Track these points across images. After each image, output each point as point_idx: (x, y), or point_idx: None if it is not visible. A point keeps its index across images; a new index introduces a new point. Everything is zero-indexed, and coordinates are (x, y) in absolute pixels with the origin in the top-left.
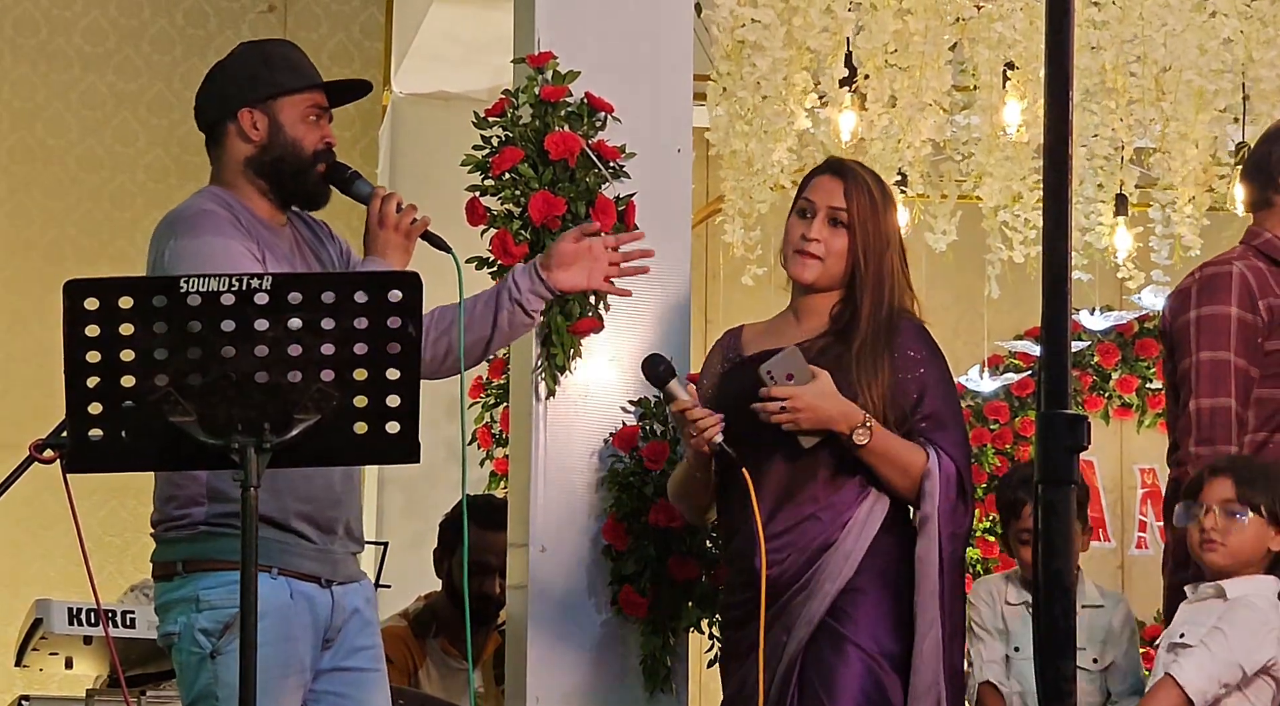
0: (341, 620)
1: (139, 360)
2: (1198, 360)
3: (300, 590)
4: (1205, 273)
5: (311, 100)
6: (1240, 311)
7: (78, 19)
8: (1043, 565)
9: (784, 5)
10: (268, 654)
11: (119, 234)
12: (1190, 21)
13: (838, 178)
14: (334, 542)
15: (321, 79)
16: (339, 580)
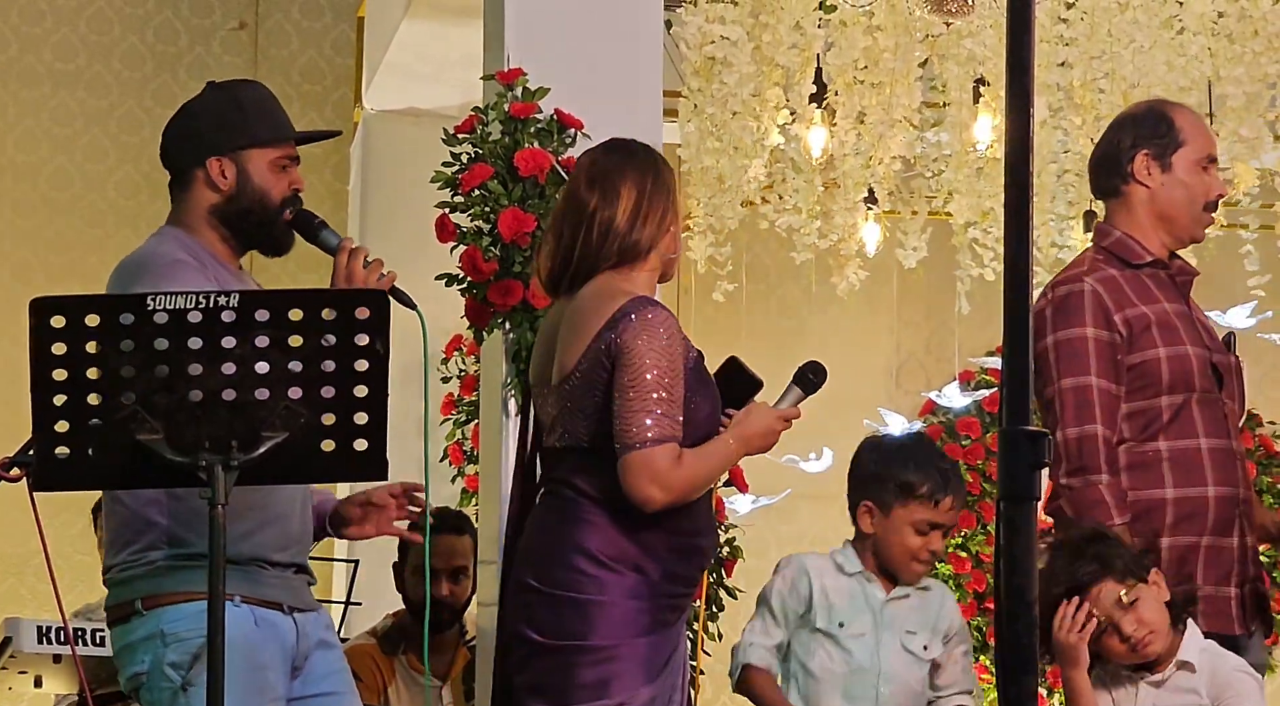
0: (308, 647)
1: (106, 378)
2: (1060, 388)
3: (265, 617)
4: (1058, 293)
5: (283, 151)
6: (1096, 331)
7: (48, 35)
8: (1005, 581)
9: (753, 22)
10: (240, 682)
11: (89, 251)
12: (1158, 38)
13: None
14: (292, 572)
15: (292, 126)
16: (300, 608)
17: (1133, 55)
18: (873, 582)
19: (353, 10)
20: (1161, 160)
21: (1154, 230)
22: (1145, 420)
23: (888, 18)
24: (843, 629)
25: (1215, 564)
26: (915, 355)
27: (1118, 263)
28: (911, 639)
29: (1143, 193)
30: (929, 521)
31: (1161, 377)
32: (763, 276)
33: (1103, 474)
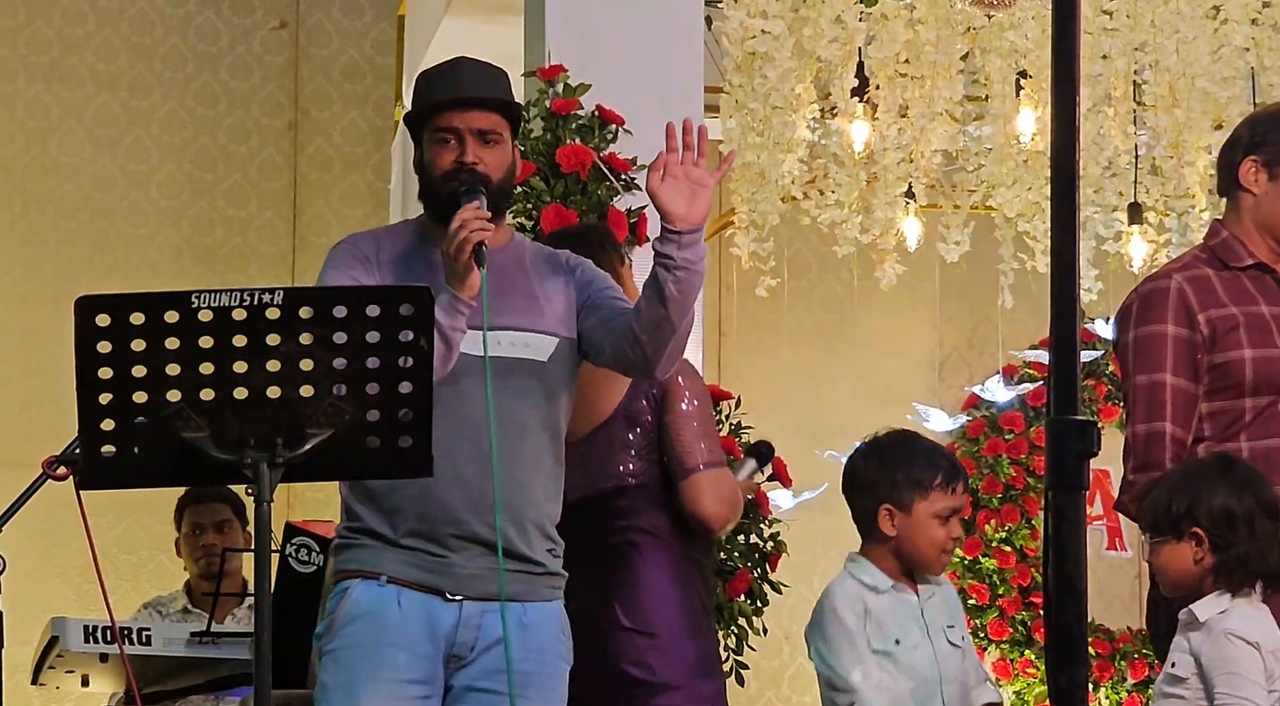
0: (473, 638)
1: (151, 376)
2: (1135, 384)
3: (412, 599)
4: (1144, 288)
5: (441, 121)
6: (1176, 328)
7: (90, 37)
8: (1054, 570)
9: (794, 16)
10: (357, 656)
11: (133, 251)
12: (1201, 29)
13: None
14: (464, 556)
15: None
16: (470, 596)
17: (1176, 46)
18: (905, 591)
19: (393, 9)
20: (1270, 168)
21: (1260, 235)
22: (1228, 419)
23: (929, 11)
24: (899, 646)
25: None
26: (958, 349)
27: (1217, 262)
28: (951, 632)
29: (1249, 200)
30: (950, 508)
31: (1245, 379)
32: (805, 271)
33: (1168, 469)
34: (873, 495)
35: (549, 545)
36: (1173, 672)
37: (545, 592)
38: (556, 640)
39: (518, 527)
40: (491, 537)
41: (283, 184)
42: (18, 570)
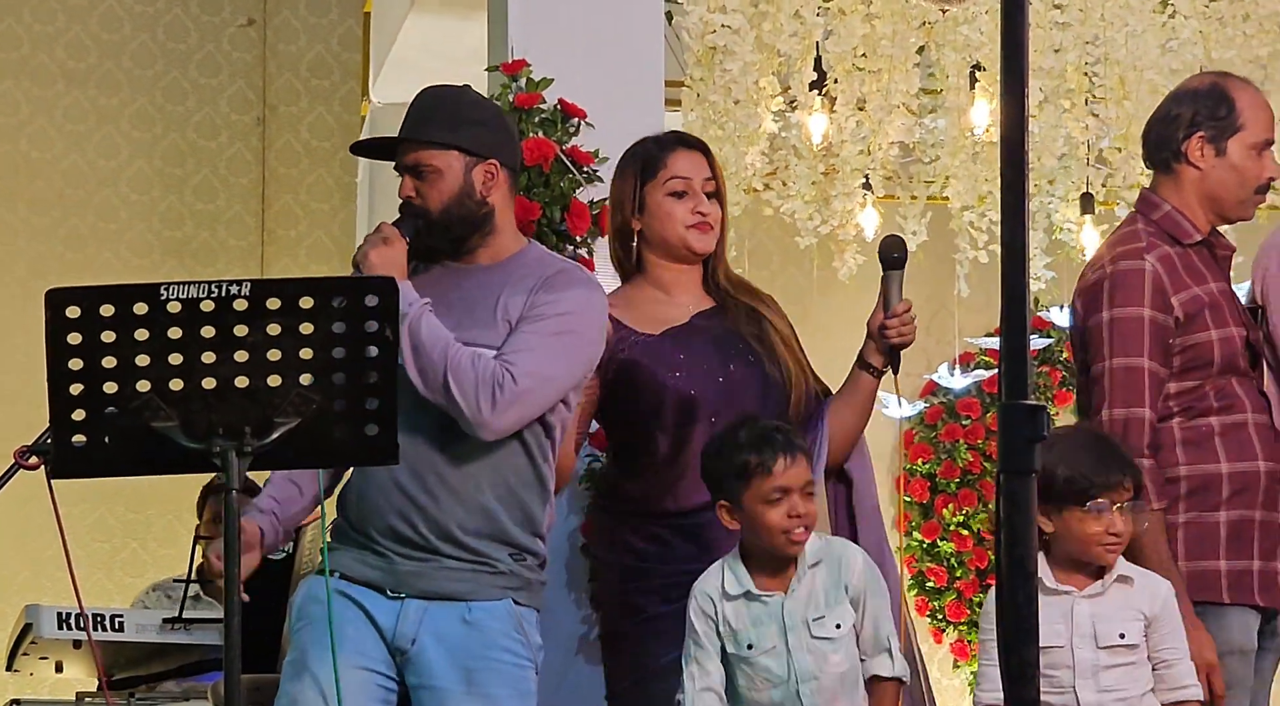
0: (411, 631)
1: (121, 367)
2: (1111, 366)
3: (352, 593)
4: (1118, 268)
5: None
6: (1154, 313)
7: (60, 34)
8: (1005, 553)
9: (753, 10)
10: (309, 636)
11: (103, 245)
12: (1151, 22)
13: (696, 151)
14: (400, 556)
15: (395, 136)
16: (410, 593)
17: (1126, 39)
18: (765, 597)
19: (359, 5)
20: (1216, 143)
21: (1201, 208)
22: (1194, 397)
23: (885, 5)
24: (752, 651)
25: (1266, 538)
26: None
27: (1169, 238)
28: (819, 625)
29: (1193, 173)
30: (775, 489)
31: (1214, 360)
32: (766, 262)
33: (1145, 457)
34: (716, 493)
35: (510, 549)
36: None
37: (493, 592)
38: (507, 636)
39: (446, 532)
40: (420, 540)
41: (251, 179)
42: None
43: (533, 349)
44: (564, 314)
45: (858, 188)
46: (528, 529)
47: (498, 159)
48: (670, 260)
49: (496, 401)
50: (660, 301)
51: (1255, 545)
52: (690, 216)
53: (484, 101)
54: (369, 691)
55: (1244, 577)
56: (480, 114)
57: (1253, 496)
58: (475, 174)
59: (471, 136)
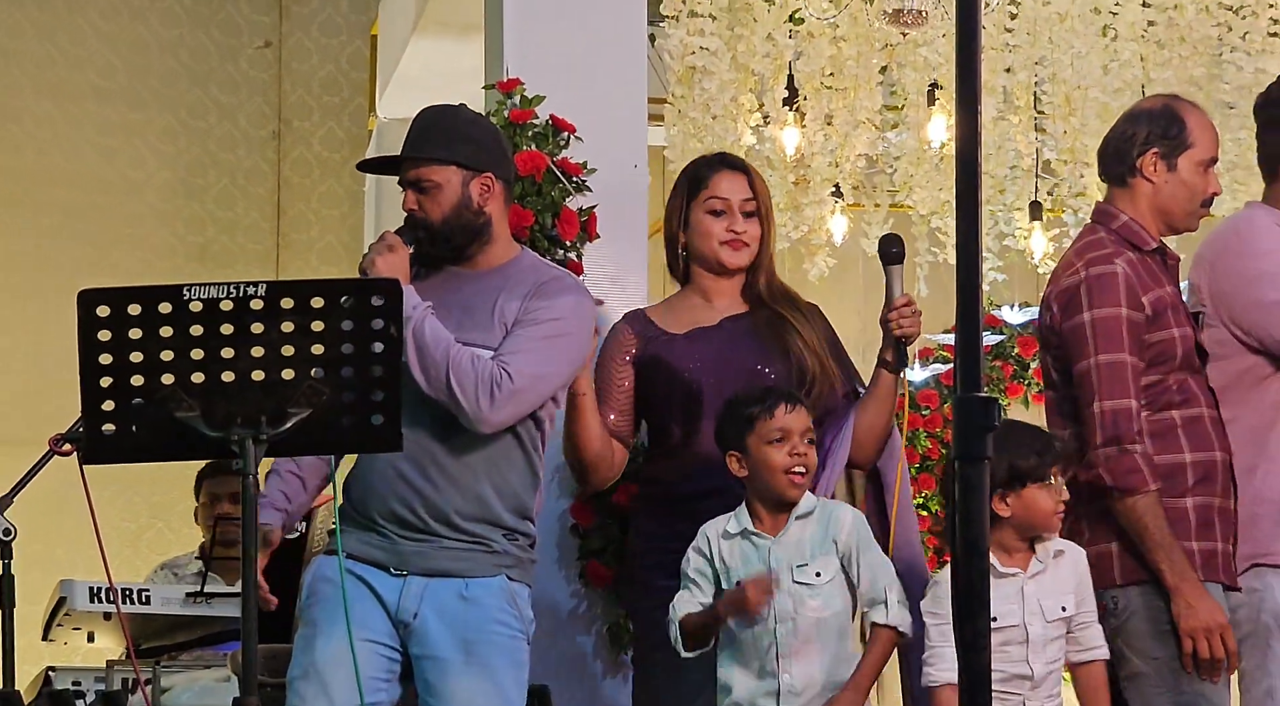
0: (413, 606)
1: (147, 361)
2: (1097, 363)
3: (359, 572)
4: (1092, 273)
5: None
6: (1130, 311)
7: (91, 57)
8: (960, 533)
9: (730, 34)
10: (320, 612)
11: (131, 249)
12: (1094, 45)
13: (738, 172)
14: (402, 536)
15: (399, 155)
16: (411, 571)
17: (1071, 60)
18: (758, 537)
19: (366, 29)
20: (1169, 160)
21: (1153, 219)
22: (1158, 391)
23: (851, 29)
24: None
25: (1225, 522)
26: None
27: (1128, 245)
28: (802, 571)
29: (1147, 187)
30: (777, 430)
31: (1177, 355)
32: None
33: (1137, 443)
34: (725, 444)
35: (503, 531)
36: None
37: (489, 569)
38: (501, 610)
39: (443, 516)
40: (419, 523)
41: (267, 188)
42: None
43: (527, 351)
44: (556, 319)
45: (827, 196)
46: (519, 513)
47: (493, 172)
48: (709, 271)
49: (495, 398)
50: (697, 306)
51: (1217, 528)
52: (725, 234)
53: (479, 119)
54: (375, 662)
55: (1212, 558)
56: (475, 131)
57: (1213, 484)
58: (472, 187)
59: (468, 152)
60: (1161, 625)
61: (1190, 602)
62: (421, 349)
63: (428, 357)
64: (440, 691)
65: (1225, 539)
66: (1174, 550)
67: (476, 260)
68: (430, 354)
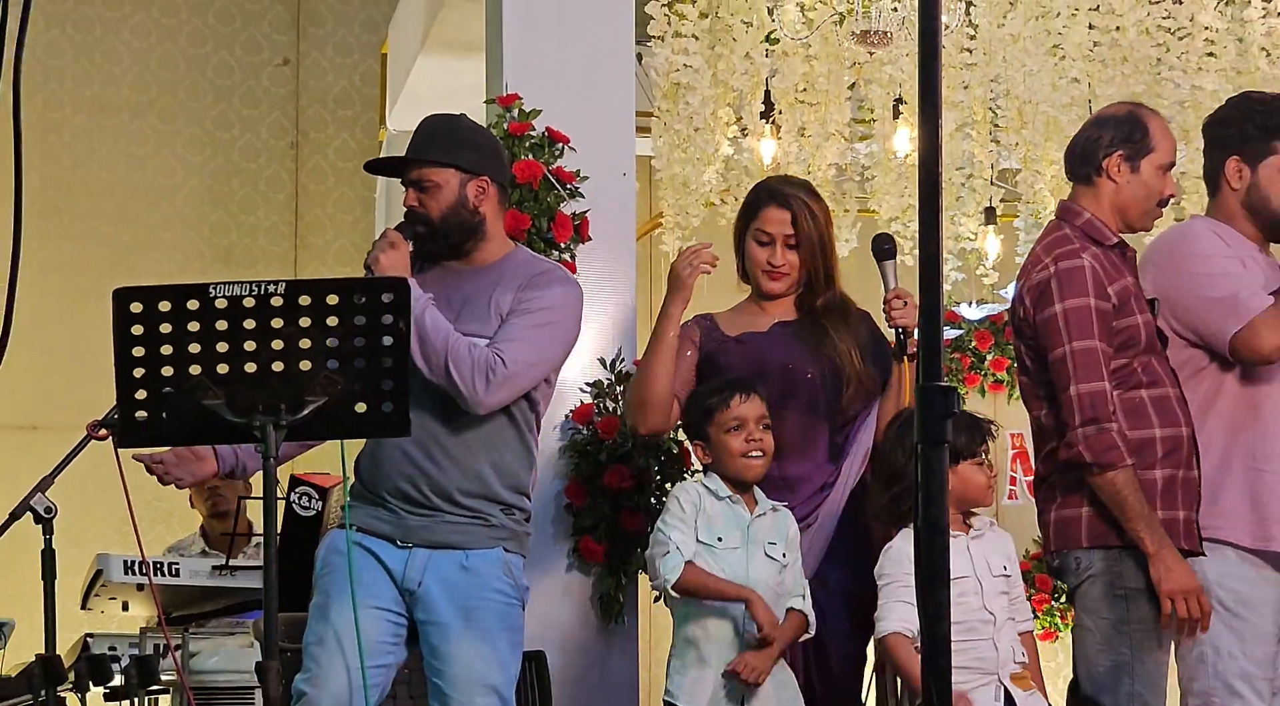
0: (417, 576)
1: (176, 354)
2: (1071, 350)
3: (368, 544)
4: (1061, 267)
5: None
6: (1098, 301)
7: (125, 74)
8: (922, 511)
9: (711, 53)
10: (331, 582)
11: (162, 251)
12: (1044, 63)
13: (784, 209)
14: (407, 511)
15: (402, 156)
16: (416, 543)
17: (1023, 78)
18: (739, 504)
19: (377, 48)
20: (1132, 162)
21: (1113, 216)
22: (1127, 373)
23: (822, 48)
24: (720, 543)
25: (1187, 492)
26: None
27: (1090, 241)
28: (773, 548)
29: (1110, 186)
30: (733, 419)
31: (1142, 340)
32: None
33: (1112, 422)
34: (691, 434)
35: (501, 506)
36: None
37: (487, 542)
38: (498, 579)
39: (445, 492)
40: (423, 499)
41: (286, 194)
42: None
43: (520, 338)
44: (546, 308)
45: None
46: (515, 489)
47: (489, 176)
48: (756, 288)
49: (490, 382)
50: (755, 313)
51: (1179, 497)
52: (765, 264)
53: (478, 127)
54: (382, 627)
55: (1173, 525)
56: (474, 138)
57: (1179, 456)
58: (469, 188)
59: (466, 157)
60: (1116, 589)
61: (1169, 567)
62: (423, 337)
63: (429, 345)
64: (442, 653)
65: (1188, 507)
66: (1152, 519)
67: (473, 257)
68: (431, 342)
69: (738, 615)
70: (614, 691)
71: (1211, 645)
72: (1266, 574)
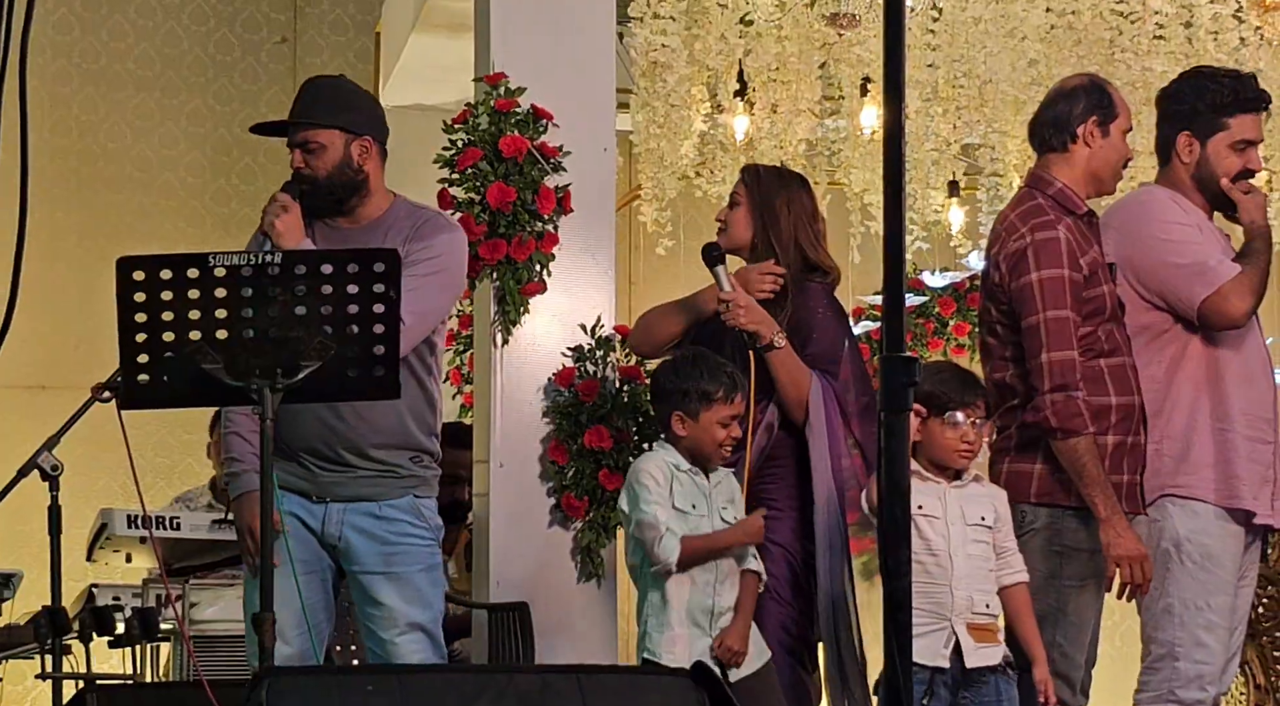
0: (337, 530)
1: (177, 320)
2: (1045, 318)
3: (291, 502)
4: (1038, 237)
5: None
6: (1071, 272)
7: (130, 49)
8: (885, 473)
9: (687, 33)
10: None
11: (165, 218)
12: (1004, 45)
13: (740, 174)
14: (320, 469)
15: (287, 118)
16: (331, 498)
17: (984, 58)
18: (699, 475)
19: (371, 28)
20: (1103, 127)
21: (1085, 183)
22: (1091, 341)
23: (794, 30)
24: (693, 510)
25: (1134, 457)
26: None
27: (1062, 210)
28: (725, 512)
29: (1085, 152)
30: (730, 415)
31: (1107, 309)
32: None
33: (1079, 390)
34: (668, 403)
35: (410, 454)
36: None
37: (398, 491)
38: (412, 524)
39: (356, 448)
40: (335, 456)
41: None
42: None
43: (410, 289)
44: (433, 258)
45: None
46: (424, 431)
47: (371, 136)
48: None
49: None
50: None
51: (1126, 463)
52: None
53: (359, 89)
54: (315, 586)
55: (1120, 489)
56: (357, 101)
57: (1130, 423)
58: (354, 148)
59: (350, 118)
60: (1053, 545)
61: (1119, 533)
62: None
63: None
64: (370, 598)
65: (1134, 471)
66: (1107, 487)
67: (358, 213)
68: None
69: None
70: (594, 640)
71: (1179, 598)
72: (1231, 528)
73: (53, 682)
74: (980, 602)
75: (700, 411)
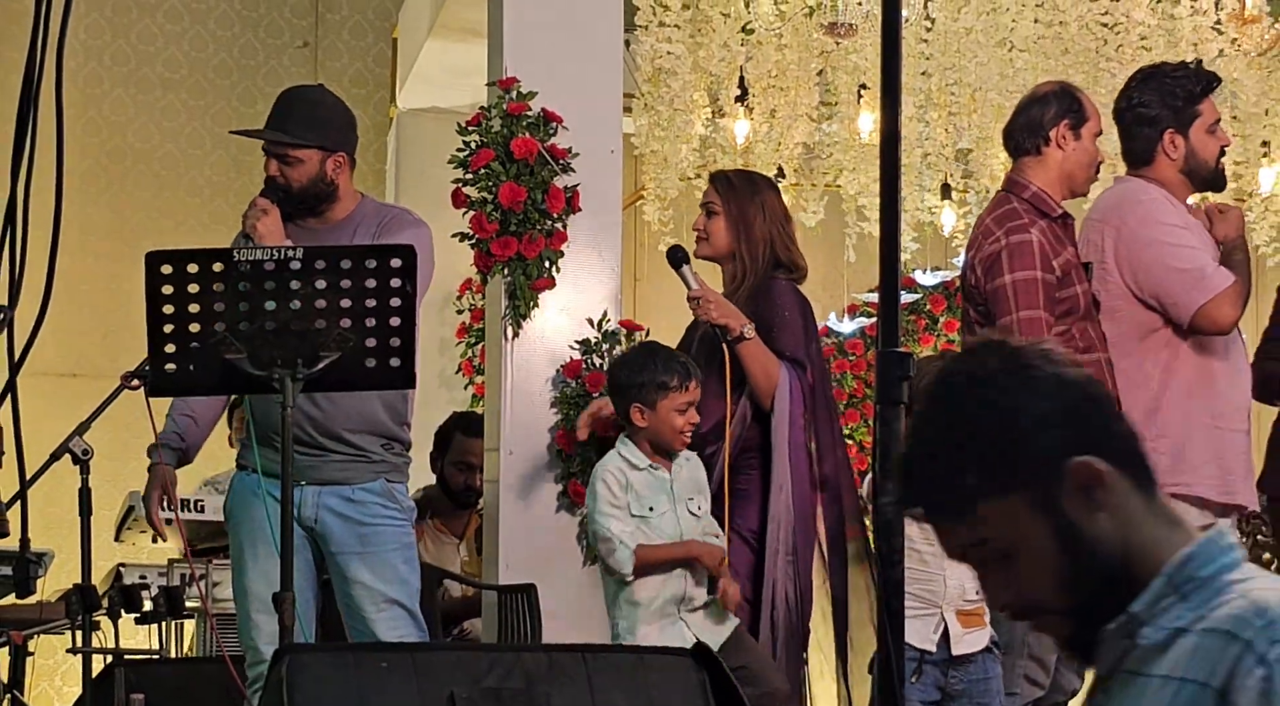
0: (313, 513)
1: (203, 312)
2: (1018, 318)
3: (269, 485)
4: (1012, 240)
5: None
6: (1044, 274)
7: (159, 53)
8: (878, 465)
9: (691, 41)
10: (240, 532)
11: (191, 215)
12: (994, 54)
13: (711, 183)
14: (305, 450)
15: (268, 127)
16: (306, 481)
17: (975, 67)
18: (660, 469)
19: (389, 33)
20: (1075, 130)
21: (1059, 185)
22: (1065, 339)
23: (793, 38)
24: (652, 513)
25: None
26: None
27: (1037, 213)
28: (691, 504)
29: (1058, 155)
30: (686, 402)
31: (1081, 308)
32: None
33: None
34: (626, 396)
35: (382, 441)
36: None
37: (370, 475)
38: (384, 507)
39: (330, 432)
40: (310, 440)
41: None
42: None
43: None
44: None
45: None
46: (396, 420)
47: (344, 151)
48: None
49: None
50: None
51: None
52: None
53: (337, 102)
54: (298, 565)
55: None
56: (333, 115)
57: None
58: (328, 164)
59: (329, 136)
60: None
61: None
62: None
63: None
64: (347, 578)
65: None
66: None
67: (327, 215)
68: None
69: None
70: (599, 620)
71: None
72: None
73: (83, 656)
74: (971, 590)
75: (658, 401)
